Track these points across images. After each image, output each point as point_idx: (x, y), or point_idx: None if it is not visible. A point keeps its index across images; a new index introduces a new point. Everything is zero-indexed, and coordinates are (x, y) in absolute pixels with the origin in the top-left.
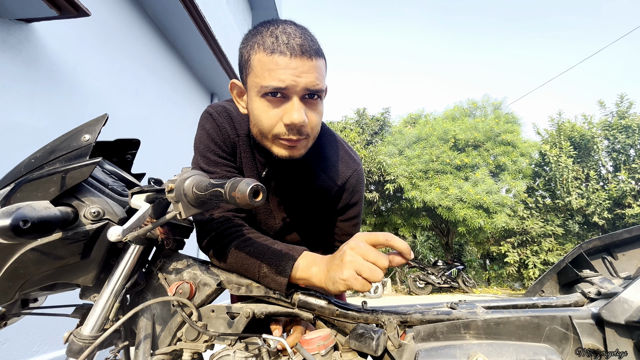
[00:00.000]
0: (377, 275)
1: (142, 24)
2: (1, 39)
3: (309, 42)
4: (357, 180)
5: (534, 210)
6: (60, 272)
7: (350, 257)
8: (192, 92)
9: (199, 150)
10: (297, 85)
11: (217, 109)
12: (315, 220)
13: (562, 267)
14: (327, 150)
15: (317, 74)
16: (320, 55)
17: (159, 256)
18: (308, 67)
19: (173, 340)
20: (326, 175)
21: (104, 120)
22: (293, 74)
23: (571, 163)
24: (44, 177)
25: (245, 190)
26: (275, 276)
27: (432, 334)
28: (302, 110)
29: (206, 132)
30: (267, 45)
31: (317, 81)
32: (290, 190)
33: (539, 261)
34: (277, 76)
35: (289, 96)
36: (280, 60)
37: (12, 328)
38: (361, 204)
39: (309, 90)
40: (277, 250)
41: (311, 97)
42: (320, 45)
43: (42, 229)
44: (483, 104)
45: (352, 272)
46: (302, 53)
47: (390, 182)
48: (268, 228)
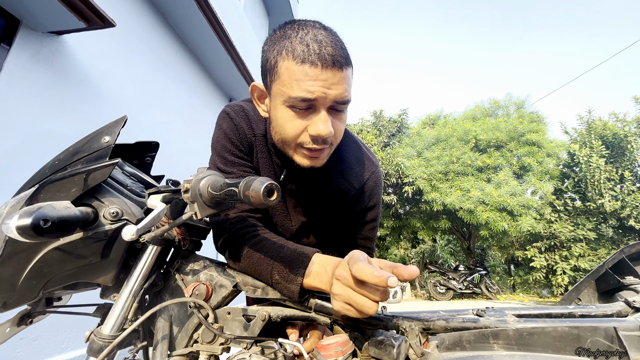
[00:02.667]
0: (368, 310)
1: (163, 32)
2: (35, 51)
3: (339, 50)
4: (375, 183)
5: (563, 213)
6: (81, 272)
7: (338, 290)
8: (210, 97)
9: (216, 150)
10: (327, 97)
11: (235, 109)
12: (332, 223)
13: (602, 273)
14: (345, 153)
15: (346, 85)
16: (350, 64)
17: (176, 257)
18: (338, 78)
19: (190, 342)
20: (344, 178)
21: (123, 122)
22: (323, 86)
23: (603, 163)
24: (65, 177)
25: (259, 189)
26: (287, 284)
27: (457, 343)
28: (328, 121)
29: (223, 132)
30: (297, 53)
31: (345, 93)
32: (308, 192)
33: (568, 267)
34: (306, 87)
35: (317, 107)
36: (310, 72)
37: (42, 326)
38: (379, 207)
39: (337, 102)
40: (287, 256)
41: (338, 108)
42: (349, 52)
43: (63, 229)
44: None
45: (341, 305)
46: (334, 64)
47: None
48: (284, 230)
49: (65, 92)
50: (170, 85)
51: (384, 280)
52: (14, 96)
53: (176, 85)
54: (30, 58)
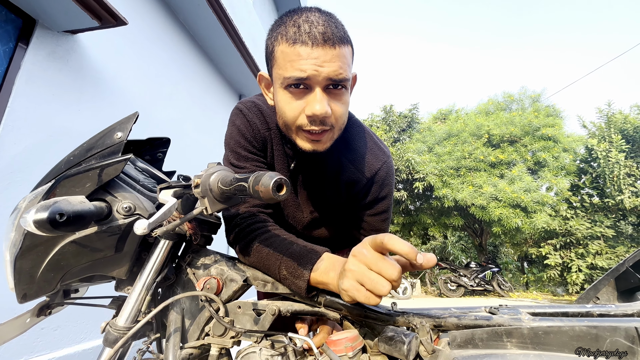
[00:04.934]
0: (381, 289)
1: (174, 30)
2: (50, 50)
3: (332, 29)
4: (386, 173)
5: (580, 210)
6: (96, 265)
7: (352, 266)
8: (221, 94)
9: (230, 146)
10: (319, 74)
11: (247, 105)
12: (343, 215)
13: (622, 271)
14: (356, 142)
15: (340, 62)
16: (345, 43)
17: (187, 251)
18: (331, 55)
19: (201, 335)
20: (355, 167)
21: (135, 118)
22: (315, 64)
23: (623, 158)
24: (80, 173)
25: (268, 184)
26: (294, 279)
27: (470, 341)
28: (324, 100)
29: (236, 128)
30: (290, 35)
31: (340, 70)
32: (319, 183)
33: (584, 265)
34: (298, 66)
35: (312, 87)
36: (302, 51)
37: (62, 316)
38: (391, 198)
39: (332, 80)
40: (296, 252)
41: (335, 87)
42: (347, 32)
43: (78, 222)
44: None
45: (352, 283)
46: (325, 41)
47: (419, 180)
48: (296, 222)
49: (80, 90)
50: (181, 81)
51: (415, 253)
52: (33, 94)
53: (187, 82)
54: (47, 57)
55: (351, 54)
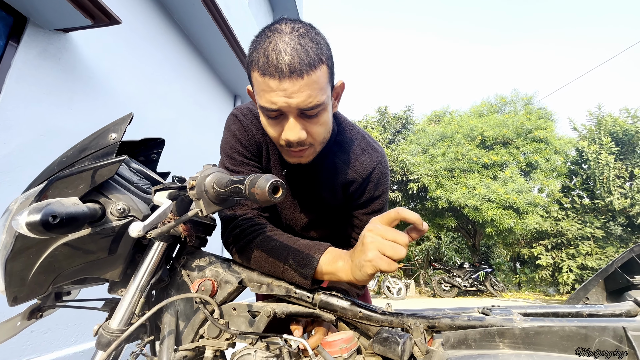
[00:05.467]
0: (400, 252)
1: (168, 29)
2: (42, 48)
3: (300, 56)
4: (381, 172)
5: (570, 211)
6: (89, 267)
7: (371, 239)
8: (216, 94)
9: (225, 151)
10: (289, 105)
11: (242, 111)
12: (340, 215)
13: (611, 272)
14: (349, 144)
15: (310, 91)
16: (316, 67)
17: (182, 253)
18: (299, 86)
19: (196, 337)
20: (350, 168)
21: (129, 119)
22: (284, 96)
23: (612, 160)
24: (73, 174)
25: (264, 186)
26: (301, 269)
27: (463, 341)
28: (297, 127)
29: (232, 134)
30: (260, 65)
31: (309, 99)
32: (315, 186)
33: (575, 265)
34: (269, 98)
35: (286, 114)
36: (271, 83)
37: (52, 319)
38: (386, 197)
39: (302, 109)
40: (303, 244)
41: (308, 114)
42: (322, 49)
43: (71, 225)
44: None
45: (376, 252)
46: (291, 73)
47: (413, 182)
48: (294, 224)
49: (72, 89)
50: (175, 82)
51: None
52: (23, 93)
53: (182, 82)
54: (38, 55)
55: (326, 73)
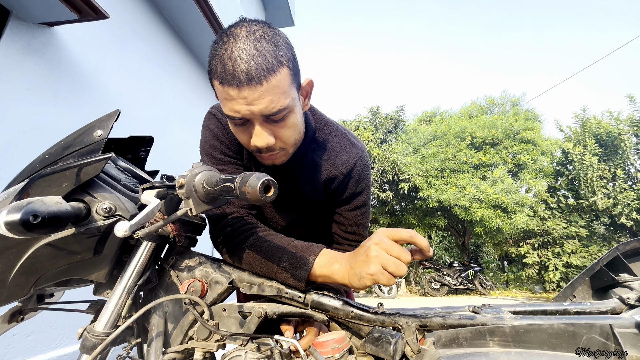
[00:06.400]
0: (402, 270)
1: (158, 25)
2: (25, 42)
3: (257, 62)
4: (362, 168)
5: (556, 211)
6: (73, 268)
7: (376, 252)
8: (207, 92)
9: (205, 150)
10: (252, 112)
11: (220, 109)
12: (322, 213)
13: (596, 270)
14: (328, 141)
15: (271, 96)
16: (274, 71)
17: (171, 253)
18: (259, 93)
19: (185, 339)
20: (330, 165)
21: (116, 116)
22: (245, 104)
23: (596, 161)
24: (56, 172)
25: (255, 185)
26: (295, 270)
27: (454, 340)
28: (264, 134)
29: (211, 132)
30: (218, 74)
31: (271, 104)
32: (296, 183)
33: (560, 263)
34: (232, 107)
35: (251, 121)
36: (230, 92)
37: (35, 321)
38: (368, 192)
39: (265, 115)
40: (298, 246)
41: (274, 118)
42: (281, 50)
43: (53, 224)
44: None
45: (378, 267)
46: (249, 80)
47: (404, 181)
48: (275, 223)
49: (57, 84)
50: (165, 78)
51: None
52: (4, 89)
53: (172, 79)
54: (21, 50)
55: (287, 75)
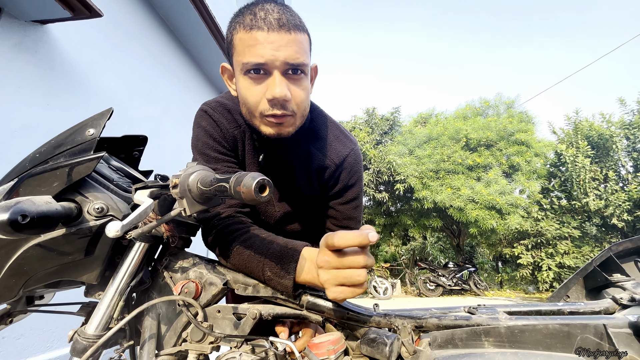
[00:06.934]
0: (359, 278)
1: (153, 24)
2: (17, 40)
3: (287, 16)
4: (354, 160)
5: (549, 212)
6: (64, 269)
7: (324, 276)
8: (202, 91)
9: (197, 148)
10: (277, 59)
11: (212, 105)
12: (315, 207)
13: (590, 270)
14: (322, 131)
15: (296, 47)
16: (301, 30)
17: (164, 254)
18: (287, 40)
19: (178, 341)
20: (323, 154)
21: (109, 114)
22: (271, 48)
23: (589, 163)
24: (47, 171)
25: (250, 185)
26: (279, 280)
27: (450, 341)
28: (283, 84)
29: (203, 130)
30: (247, 23)
31: (296, 54)
32: (289, 174)
33: (554, 264)
34: (256, 52)
35: (270, 71)
36: (258, 36)
37: (26, 323)
38: (360, 186)
39: (289, 64)
40: (277, 252)
41: (294, 73)
42: (303, 22)
43: (43, 224)
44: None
45: (334, 289)
46: (280, 27)
47: (400, 182)
48: (268, 217)
49: (49, 83)
50: (160, 78)
51: (366, 237)
52: None
53: (166, 79)
54: (13, 47)
55: (308, 42)
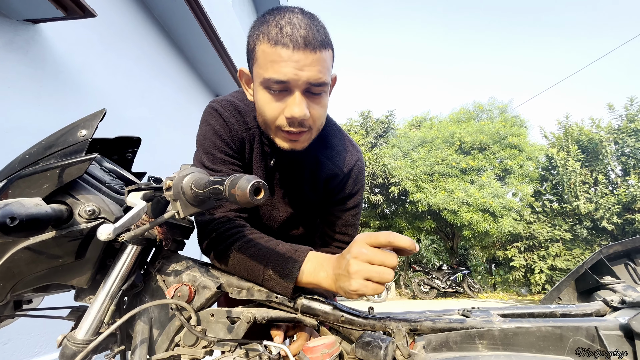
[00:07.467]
0: (388, 277)
1: (147, 25)
2: (8, 39)
3: (314, 33)
4: (360, 169)
5: (541, 215)
6: (54, 273)
7: (356, 267)
8: (197, 93)
9: (204, 147)
10: (299, 79)
11: (223, 104)
12: (318, 212)
13: (581, 273)
14: (332, 140)
15: (320, 67)
16: (326, 47)
17: (157, 257)
18: (311, 60)
19: (170, 345)
20: (333, 163)
21: (102, 115)
22: (295, 67)
23: (579, 167)
24: (37, 173)
25: (245, 188)
26: (280, 280)
27: (444, 344)
28: (303, 104)
29: (212, 129)
30: (272, 36)
31: (319, 74)
32: (297, 180)
33: (546, 266)
34: (279, 69)
35: (291, 89)
36: (282, 53)
37: (13, 328)
38: (362, 193)
39: (311, 84)
40: (282, 253)
41: (315, 92)
42: (328, 35)
43: (32, 227)
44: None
45: (360, 282)
46: (306, 45)
47: (394, 185)
48: (271, 221)
49: (41, 83)
50: (154, 79)
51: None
52: None
53: (161, 80)
54: (3, 47)
55: (331, 57)
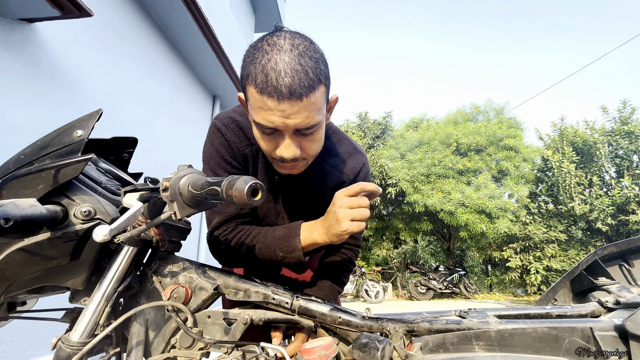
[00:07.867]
0: (365, 213)
1: (145, 25)
2: (3, 38)
3: (300, 78)
4: (366, 173)
5: (537, 216)
6: (48, 274)
7: (342, 213)
8: (194, 94)
9: (209, 165)
10: (287, 126)
11: (225, 121)
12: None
13: (576, 274)
14: (337, 148)
15: (308, 112)
16: (315, 88)
17: (154, 258)
18: (297, 108)
19: (167, 347)
20: (338, 171)
21: (98, 116)
22: (282, 116)
23: (574, 169)
24: (32, 173)
25: (243, 189)
26: (290, 254)
27: (441, 345)
28: (292, 146)
29: (215, 149)
30: (258, 82)
31: (307, 120)
32: (303, 191)
33: (541, 267)
34: (266, 117)
35: (282, 132)
36: (269, 102)
37: (8, 330)
38: None
39: (299, 129)
40: (282, 234)
41: (305, 132)
42: (321, 68)
43: (27, 228)
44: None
45: (348, 223)
46: (291, 95)
47: (391, 186)
48: None
49: (36, 82)
50: (151, 80)
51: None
52: None
53: (158, 81)
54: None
55: (323, 93)
